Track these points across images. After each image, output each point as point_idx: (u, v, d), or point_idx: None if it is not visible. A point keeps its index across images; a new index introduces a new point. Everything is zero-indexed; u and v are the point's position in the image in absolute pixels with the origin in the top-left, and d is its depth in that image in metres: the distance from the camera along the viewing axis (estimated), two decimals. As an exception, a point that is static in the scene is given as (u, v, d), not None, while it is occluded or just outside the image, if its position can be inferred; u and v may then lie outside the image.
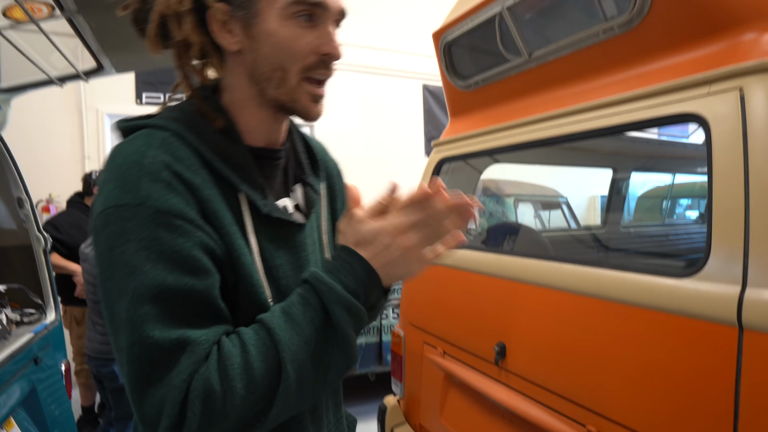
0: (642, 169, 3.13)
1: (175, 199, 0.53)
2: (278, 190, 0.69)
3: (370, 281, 0.59)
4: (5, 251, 1.87)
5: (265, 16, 0.60)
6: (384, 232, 0.60)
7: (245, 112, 0.65)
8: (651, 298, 0.95)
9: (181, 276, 0.51)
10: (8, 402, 1.33)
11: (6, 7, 1.18)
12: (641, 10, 1.10)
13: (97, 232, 0.53)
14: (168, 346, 0.49)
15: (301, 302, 0.57)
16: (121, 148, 0.56)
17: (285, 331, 0.54)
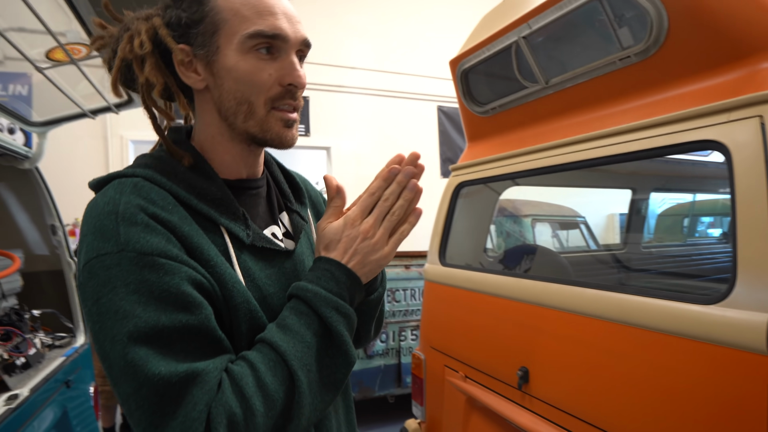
0: (662, 190, 3.11)
1: (155, 239, 0.53)
2: (264, 219, 0.70)
3: (351, 281, 0.61)
4: (38, 276, 1.94)
5: (225, 52, 0.61)
6: (345, 226, 0.63)
7: (218, 147, 0.66)
8: (677, 325, 0.95)
9: (174, 314, 0.51)
10: (42, 426, 1.36)
11: (48, 50, 1.25)
12: (657, 39, 1.12)
13: (83, 285, 0.53)
14: (177, 380, 0.48)
15: (293, 313, 0.58)
16: (96, 201, 0.56)
17: (286, 342, 0.55)
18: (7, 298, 1.57)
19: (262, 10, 0.60)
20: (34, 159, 1.80)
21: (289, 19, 0.62)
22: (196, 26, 0.61)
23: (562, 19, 1.30)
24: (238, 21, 0.60)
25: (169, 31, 0.62)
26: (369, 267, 0.63)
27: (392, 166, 0.66)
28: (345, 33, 4.98)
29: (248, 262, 0.62)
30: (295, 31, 0.62)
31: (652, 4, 1.09)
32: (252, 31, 0.59)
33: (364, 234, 0.63)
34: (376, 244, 0.63)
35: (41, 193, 1.86)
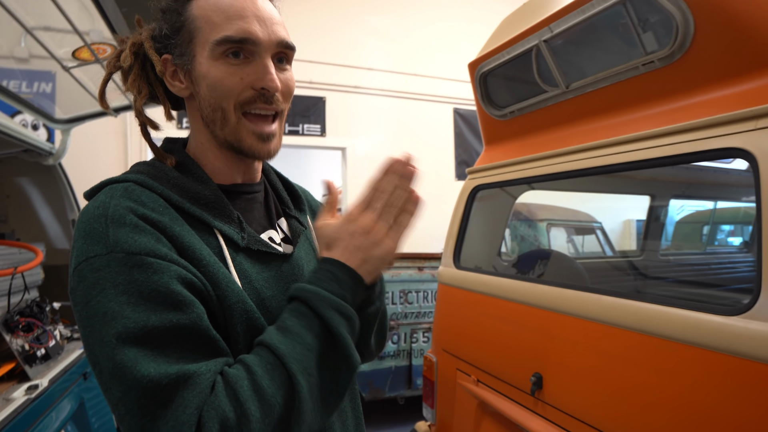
0: (682, 196, 3.06)
1: (143, 238, 0.52)
2: (261, 223, 0.70)
3: (353, 281, 0.59)
4: (59, 270, 1.98)
5: (200, 60, 0.61)
6: (345, 222, 0.61)
7: (209, 154, 0.67)
8: (697, 336, 0.93)
9: (164, 313, 0.49)
10: (60, 416, 1.39)
11: (75, 49, 1.28)
12: (683, 44, 1.10)
13: (74, 290, 0.52)
14: (167, 382, 0.47)
15: (293, 314, 0.56)
16: (87, 207, 0.56)
17: (286, 344, 0.53)
18: (30, 291, 1.61)
19: (232, 14, 0.60)
20: (58, 155, 1.84)
21: (262, 21, 0.61)
22: (175, 36, 0.63)
23: (584, 22, 1.29)
24: (209, 28, 0.61)
25: (153, 44, 0.64)
26: (372, 263, 0.61)
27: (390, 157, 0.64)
28: (363, 34, 4.99)
29: (244, 265, 0.62)
30: (268, 34, 0.61)
31: (678, 9, 1.07)
32: (220, 38, 0.59)
33: (364, 228, 0.61)
34: (377, 238, 0.61)
35: (63, 188, 1.90)
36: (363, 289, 0.61)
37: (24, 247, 1.61)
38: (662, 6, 1.09)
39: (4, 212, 1.95)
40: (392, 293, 3.20)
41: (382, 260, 0.61)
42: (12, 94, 1.52)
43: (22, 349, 1.39)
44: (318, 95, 4.76)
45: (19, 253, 1.61)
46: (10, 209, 1.95)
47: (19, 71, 1.61)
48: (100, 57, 1.33)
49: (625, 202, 4.89)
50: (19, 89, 1.69)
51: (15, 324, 1.41)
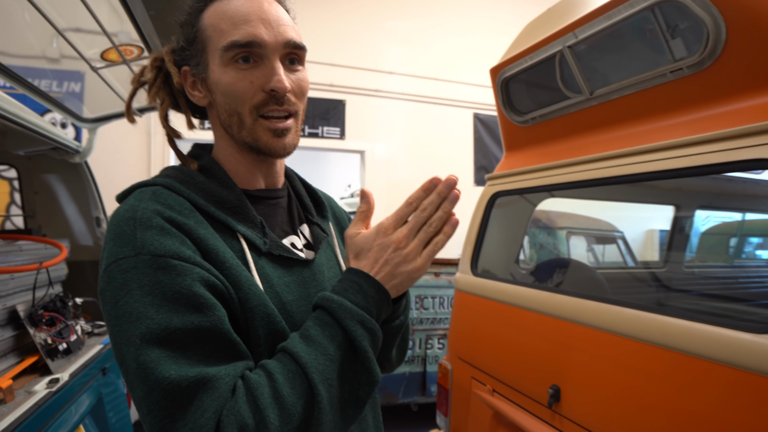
0: (708, 207, 2.97)
1: (168, 241, 0.53)
2: (283, 229, 0.71)
3: (378, 295, 0.59)
4: (82, 265, 2.02)
5: (212, 68, 0.63)
6: (377, 234, 0.61)
7: (231, 159, 0.68)
8: (723, 353, 0.90)
9: (186, 315, 0.50)
10: (79, 410, 1.41)
11: (104, 50, 1.31)
12: (714, 50, 1.07)
13: (103, 291, 0.54)
14: (187, 385, 0.48)
15: (317, 323, 0.56)
16: (118, 210, 0.58)
17: (309, 354, 0.53)
18: (54, 286, 1.65)
19: (238, 20, 0.61)
20: (84, 153, 1.88)
21: (268, 24, 0.61)
22: (190, 47, 0.65)
23: (610, 28, 1.26)
24: (217, 36, 0.62)
25: (172, 57, 0.67)
26: (399, 279, 0.60)
27: (434, 177, 0.63)
28: (385, 39, 5.00)
29: (266, 269, 0.63)
30: (275, 35, 0.61)
31: (709, 15, 1.04)
32: (226, 43, 0.61)
33: (397, 243, 0.60)
34: (408, 255, 0.60)
35: (89, 186, 1.94)
36: (388, 304, 0.61)
37: (49, 243, 1.65)
38: (693, 12, 1.07)
39: (32, 208, 2.00)
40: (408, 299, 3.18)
41: (410, 277, 0.61)
42: (42, 93, 1.56)
43: (45, 342, 1.42)
44: (338, 98, 4.78)
45: (44, 249, 1.66)
46: (38, 205, 2.00)
47: (51, 71, 1.65)
48: (127, 58, 1.36)
49: (648, 212, 4.78)
50: (49, 88, 1.73)
51: (39, 318, 1.44)
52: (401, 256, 0.60)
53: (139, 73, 0.69)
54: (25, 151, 1.76)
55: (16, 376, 1.32)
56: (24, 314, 1.40)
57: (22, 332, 1.43)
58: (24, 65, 1.53)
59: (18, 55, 1.47)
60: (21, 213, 2.02)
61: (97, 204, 1.95)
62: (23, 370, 1.35)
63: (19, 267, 1.38)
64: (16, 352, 1.42)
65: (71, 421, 1.34)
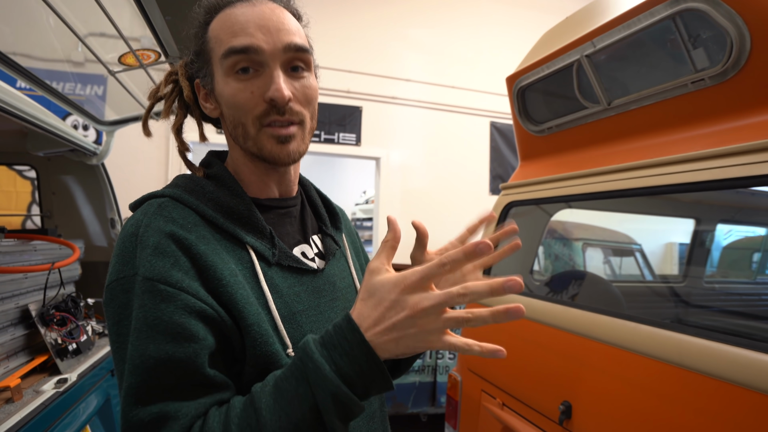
0: (730, 221, 2.89)
1: (159, 263, 0.53)
2: (294, 238, 0.70)
3: (370, 367, 0.49)
4: (96, 266, 2.04)
5: (216, 79, 0.63)
6: (395, 286, 0.50)
7: (244, 168, 0.68)
8: (745, 375, 0.86)
9: (162, 344, 0.50)
10: (87, 410, 1.42)
11: (121, 54, 1.33)
12: (737, 61, 1.04)
13: (106, 305, 0.55)
14: (148, 420, 0.49)
15: (293, 376, 0.50)
16: (126, 223, 0.58)
17: (272, 413, 0.49)
18: (66, 286, 1.66)
19: (237, 29, 0.60)
20: (101, 155, 1.91)
21: (267, 30, 0.60)
22: (198, 59, 0.65)
23: (629, 38, 1.24)
24: (218, 46, 0.62)
25: (185, 70, 0.67)
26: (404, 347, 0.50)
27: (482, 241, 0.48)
28: (403, 46, 5.01)
29: (276, 279, 0.62)
30: (273, 41, 0.60)
31: (733, 25, 1.01)
32: (224, 51, 0.60)
33: (413, 311, 0.48)
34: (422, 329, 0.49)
35: (104, 188, 1.97)
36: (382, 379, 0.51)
37: (63, 243, 1.67)
38: (716, 21, 1.03)
39: (49, 208, 2.04)
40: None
41: (417, 349, 0.51)
42: (61, 95, 1.59)
43: (55, 342, 1.43)
44: (355, 105, 4.79)
45: (58, 249, 1.68)
46: (55, 205, 2.04)
47: (75, 74, 1.69)
48: (144, 63, 1.38)
49: (668, 225, 4.67)
50: (73, 91, 1.77)
51: (50, 317, 1.46)
52: (416, 326, 0.49)
53: (156, 89, 0.70)
54: (44, 152, 1.79)
55: (25, 375, 1.33)
56: (35, 313, 1.41)
57: (34, 331, 1.45)
58: (47, 68, 1.57)
59: (41, 58, 1.50)
60: (38, 213, 2.05)
61: (113, 206, 1.98)
62: (32, 369, 1.37)
63: (31, 267, 1.39)
64: (26, 350, 1.43)
65: (78, 422, 1.35)
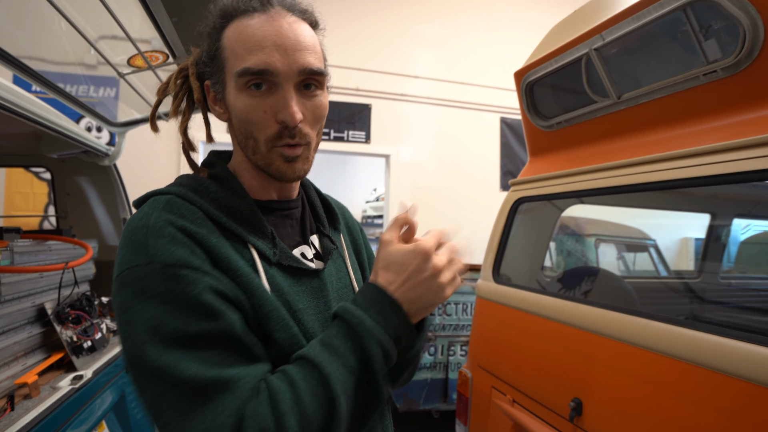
0: (747, 216, 2.83)
1: (179, 250, 0.54)
2: (294, 239, 0.71)
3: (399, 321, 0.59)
4: (109, 265, 2.08)
5: (228, 89, 0.63)
6: (416, 254, 0.61)
7: (246, 173, 0.68)
8: (760, 372, 0.85)
9: (200, 322, 0.52)
10: (102, 406, 1.45)
11: (130, 57, 1.34)
12: (751, 52, 1.02)
13: (115, 295, 0.55)
14: (206, 383, 0.49)
15: (340, 334, 0.57)
16: (132, 217, 0.59)
17: (331, 364, 0.54)
18: (80, 285, 1.69)
19: (253, 45, 0.59)
20: (113, 157, 1.94)
21: (283, 50, 0.59)
22: (211, 63, 0.64)
23: (639, 30, 1.22)
24: (233, 59, 0.61)
25: (195, 69, 0.67)
26: (424, 303, 0.61)
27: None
28: (412, 43, 4.99)
29: (276, 278, 0.63)
30: (289, 63, 0.59)
31: (746, 14, 0.99)
32: (239, 70, 0.59)
33: (435, 269, 0.61)
34: (443, 283, 0.61)
35: (117, 188, 2.00)
36: (410, 333, 0.61)
37: (77, 243, 1.70)
38: (728, 11, 1.01)
39: (64, 209, 2.08)
40: (430, 304, 3.15)
41: (434, 304, 0.62)
42: (74, 99, 1.62)
43: (71, 340, 1.46)
44: (364, 102, 4.79)
45: (73, 249, 1.71)
46: (70, 206, 2.07)
47: (88, 77, 1.71)
48: (152, 64, 1.40)
49: (684, 220, 4.60)
50: (87, 94, 1.80)
51: (66, 316, 1.48)
52: (437, 283, 0.61)
53: (164, 85, 0.70)
54: (58, 154, 1.82)
55: (42, 372, 1.36)
56: (51, 312, 1.44)
57: (50, 329, 1.48)
58: (60, 71, 1.59)
59: (54, 61, 1.53)
60: (53, 214, 2.09)
61: (125, 206, 2.01)
62: (49, 366, 1.40)
63: (46, 267, 1.42)
64: (43, 348, 1.46)
65: (94, 417, 1.38)
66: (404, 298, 0.60)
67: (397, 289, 0.60)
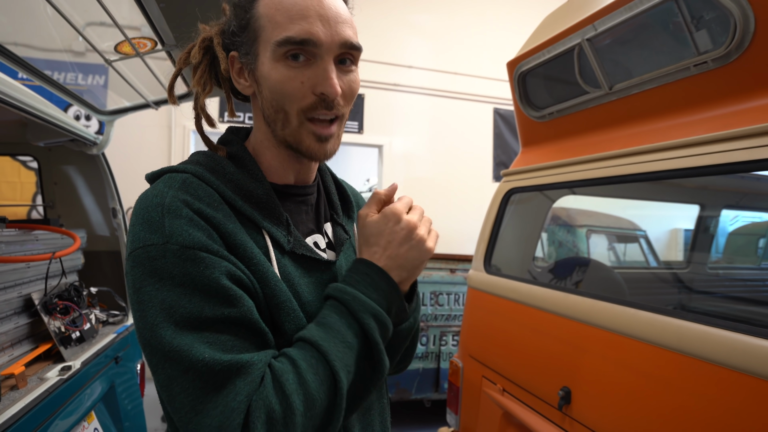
0: (735, 207, 2.86)
1: (197, 233, 0.53)
2: (308, 227, 0.69)
3: (389, 287, 0.61)
4: (98, 255, 2.06)
5: (262, 60, 0.60)
6: (388, 219, 0.63)
7: (267, 152, 0.66)
8: (744, 361, 0.86)
9: (216, 306, 0.51)
10: (92, 396, 1.44)
11: (117, 43, 1.32)
12: (741, 43, 1.02)
13: (128, 273, 0.54)
14: (220, 368, 0.49)
15: (334, 312, 0.58)
16: (146, 193, 0.57)
17: (327, 341, 0.55)
18: (68, 275, 1.68)
19: (295, 14, 0.57)
20: (101, 145, 1.91)
21: (326, 20, 0.58)
22: (241, 34, 0.62)
23: (631, 20, 1.21)
24: (271, 28, 0.58)
25: (221, 40, 0.64)
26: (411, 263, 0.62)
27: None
28: (404, 32, 4.95)
29: (288, 267, 0.62)
30: (332, 35, 0.58)
31: (737, 5, 0.99)
32: (281, 39, 0.57)
33: (409, 227, 0.62)
34: (422, 238, 0.63)
35: (106, 177, 1.97)
36: (399, 297, 0.62)
37: (64, 233, 1.68)
38: (719, 2, 1.01)
39: (51, 198, 2.05)
40: (423, 294, 3.16)
41: (421, 261, 0.63)
42: (60, 86, 1.59)
43: (59, 330, 1.45)
44: (357, 92, 4.77)
45: (60, 239, 1.69)
46: (57, 195, 2.04)
47: (77, 64, 1.68)
48: (140, 51, 1.37)
49: (674, 210, 4.64)
50: (75, 81, 1.76)
51: (53, 306, 1.47)
52: (414, 240, 0.62)
53: (185, 54, 0.66)
54: (45, 142, 1.79)
55: (30, 363, 1.35)
56: (38, 302, 1.43)
57: (37, 320, 1.46)
58: (46, 58, 1.56)
59: (41, 48, 1.50)
60: (41, 203, 2.06)
61: (114, 195, 1.98)
62: (37, 357, 1.39)
63: (32, 257, 1.40)
64: (30, 339, 1.45)
65: (83, 408, 1.37)
66: (391, 265, 0.62)
67: (380, 258, 0.62)
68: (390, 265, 0.61)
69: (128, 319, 1.93)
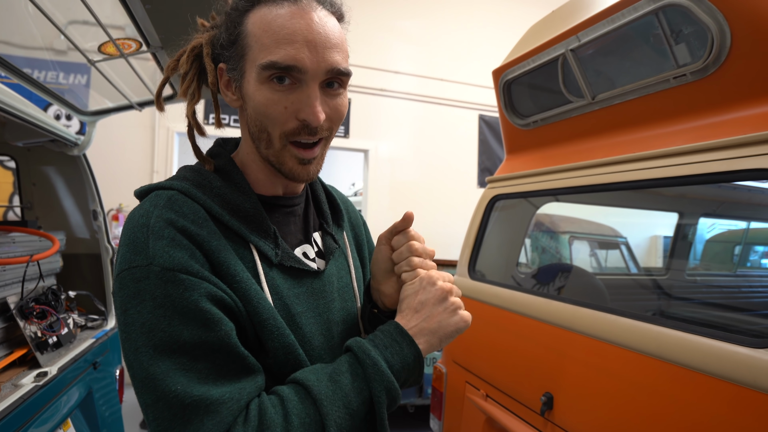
0: (712, 215, 2.93)
1: (178, 253, 0.53)
2: (297, 237, 0.69)
3: (415, 363, 0.59)
4: (78, 258, 2.01)
5: (248, 79, 0.59)
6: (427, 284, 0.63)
7: (254, 165, 0.66)
8: (720, 367, 0.88)
9: (195, 330, 0.51)
10: (68, 403, 1.41)
11: (101, 44, 1.30)
12: (718, 57, 1.05)
13: (115, 294, 0.54)
14: (189, 402, 0.48)
15: (350, 372, 0.56)
16: (134, 213, 0.57)
17: (331, 403, 0.53)
18: (46, 278, 1.64)
19: (281, 38, 0.56)
20: (83, 146, 1.87)
21: (313, 47, 0.57)
22: (230, 48, 0.61)
23: (614, 32, 1.24)
24: (258, 48, 0.58)
25: (210, 50, 0.63)
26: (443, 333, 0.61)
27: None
28: (391, 38, 4.98)
29: (276, 280, 0.62)
30: (318, 61, 0.57)
31: (714, 20, 1.02)
32: (266, 62, 0.56)
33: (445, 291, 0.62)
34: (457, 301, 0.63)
35: (86, 179, 1.93)
36: (419, 371, 0.61)
37: (42, 236, 1.64)
38: (697, 17, 1.04)
39: (29, 199, 2.00)
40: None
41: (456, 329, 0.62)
42: (40, 85, 1.56)
43: (35, 335, 1.41)
44: (343, 97, 4.77)
45: (38, 241, 1.65)
46: (36, 197, 2.00)
47: (58, 63, 1.64)
48: (125, 52, 1.35)
49: (654, 218, 4.73)
50: (56, 80, 1.72)
51: (30, 310, 1.43)
52: (454, 304, 0.62)
53: (174, 62, 0.65)
54: (24, 142, 1.75)
55: (4, 369, 1.31)
56: (14, 306, 1.39)
57: (13, 324, 1.42)
58: (26, 56, 1.52)
59: (20, 45, 1.46)
60: (18, 204, 2.01)
61: (95, 197, 1.94)
62: (11, 363, 1.35)
63: (8, 260, 1.37)
64: (5, 344, 1.41)
65: (59, 415, 1.34)
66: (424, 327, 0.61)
67: (414, 327, 0.61)
68: (423, 327, 0.61)
69: (107, 324, 1.89)
